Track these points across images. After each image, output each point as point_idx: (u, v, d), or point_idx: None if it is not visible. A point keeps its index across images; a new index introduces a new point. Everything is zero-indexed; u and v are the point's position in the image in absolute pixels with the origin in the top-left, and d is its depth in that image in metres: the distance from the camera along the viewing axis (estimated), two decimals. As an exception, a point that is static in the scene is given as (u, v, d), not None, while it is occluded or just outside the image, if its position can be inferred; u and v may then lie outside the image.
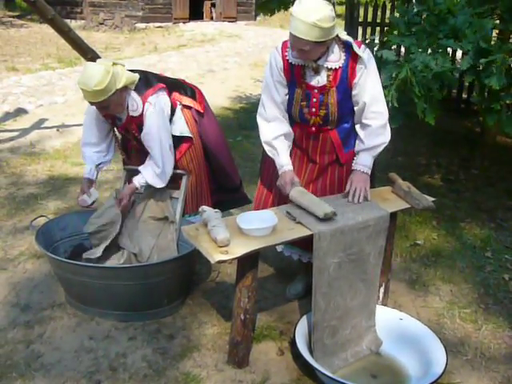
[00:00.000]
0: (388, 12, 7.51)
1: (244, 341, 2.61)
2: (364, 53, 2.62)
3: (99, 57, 6.11)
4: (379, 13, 7.77)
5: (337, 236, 2.50)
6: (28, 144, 5.92)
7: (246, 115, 7.35)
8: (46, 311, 3.06)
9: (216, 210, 2.60)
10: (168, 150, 3.05)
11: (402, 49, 6.33)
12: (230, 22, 19.93)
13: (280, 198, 2.95)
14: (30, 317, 3.01)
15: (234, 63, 11.49)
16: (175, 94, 3.15)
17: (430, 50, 3.78)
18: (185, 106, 3.20)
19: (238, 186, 3.60)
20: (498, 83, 3.59)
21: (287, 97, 2.79)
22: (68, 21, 12.37)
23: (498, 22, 4.64)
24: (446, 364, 2.47)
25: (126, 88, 2.91)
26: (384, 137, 2.76)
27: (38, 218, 3.31)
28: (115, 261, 3.19)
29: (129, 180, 3.25)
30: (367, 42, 5.35)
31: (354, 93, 2.69)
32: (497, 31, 5.22)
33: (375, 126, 2.72)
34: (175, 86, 3.20)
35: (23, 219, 4.08)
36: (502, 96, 3.87)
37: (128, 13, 17.49)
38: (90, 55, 5.88)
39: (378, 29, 7.72)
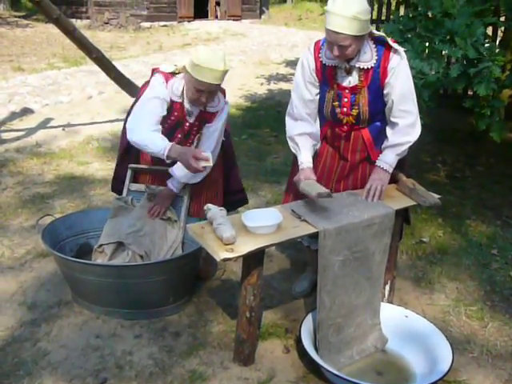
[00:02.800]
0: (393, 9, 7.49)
1: (250, 338, 2.62)
2: (398, 50, 2.61)
3: (104, 56, 6.14)
4: (384, 10, 7.75)
5: (342, 234, 2.50)
6: (34, 143, 5.95)
7: (251, 114, 7.36)
8: (52, 309, 3.08)
9: (221, 208, 2.60)
10: (216, 151, 3.07)
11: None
12: (234, 20, 19.93)
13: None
14: (37, 315, 3.02)
15: (238, 62, 11.49)
16: None
17: (424, 55, 3.79)
18: None
19: (242, 187, 3.59)
20: (486, 90, 3.60)
21: (318, 97, 2.80)
22: (73, 20, 12.40)
23: (502, 19, 4.64)
24: (452, 361, 2.47)
25: None
26: (410, 136, 2.74)
27: (44, 217, 3.33)
28: (120, 260, 3.19)
29: (146, 178, 3.26)
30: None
31: (385, 92, 2.68)
32: (502, 29, 5.21)
33: (402, 125, 2.71)
34: None
35: (29, 218, 4.10)
36: (491, 102, 3.88)
37: (133, 12, 17.52)
38: (95, 54, 5.91)
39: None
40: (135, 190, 3.29)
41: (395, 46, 2.60)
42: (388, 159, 2.77)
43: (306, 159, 2.81)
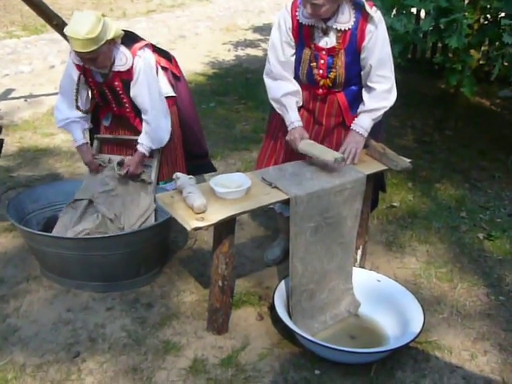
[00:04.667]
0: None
1: (223, 307, 2.61)
2: (375, 14, 2.57)
3: (65, 23, 5.92)
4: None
5: (313, 200, 2.48)
6: (-5, 115, 5.76)
7: (219, 81, 7.24)
8: (21, 285, 3.01)
9: (190, 176, 2.56)
10: (159, 102, 2.98)
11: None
12: (200, -15, 19.46)
13: (285, 156, 2.96)
14: (5, 291, 2.96)
15: (205, 28, 11.25)
16: (155, 54, 3.07)
17: (394, 11, 3.76)
18: (162, 68, 3.12)
19: (205, 153, 3.55)
20: (458, 43, 3.59)
21: (294, 57, 2.76)
22: (32, -14, 11.95)
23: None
24: (424, 323, 2.51)
25: (113, 40, 2.80)
26: (387, 101, 2.73)
27: (8, 191, 3.24)
28: (90, 223, 3.12)
29: (105, 148, 3.19)
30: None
31: (362, 56, 2.65)
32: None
33: (380, 90, 2.69)
34: (154, 47, 3.12)
35: (-7, 192, 3.99)
36: (462, 57, 3.89)
37: (94, -23, 16.94)
38: (55, 21, 5.69)
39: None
40: (102, 160, 3.22)
41: (372, 11, 2.55)
42: (363, 123, 2.75)
43: (295, 118, 2.78)
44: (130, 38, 2.92)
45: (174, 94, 3.16)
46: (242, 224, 3.65)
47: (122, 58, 2.88)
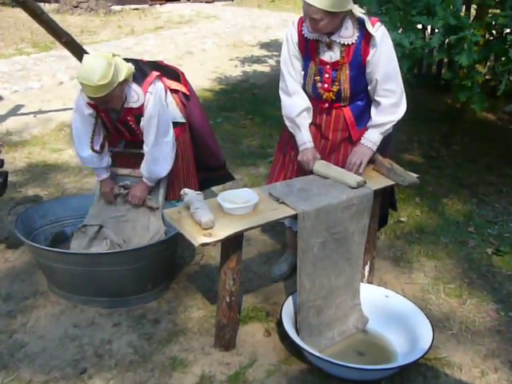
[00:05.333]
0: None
1: (230, 323, 2.60)
2: (377, 31, 2.59)
3: (75, 40, 5.99)
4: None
5: (321, 216, 2.48)
6: (5, 131, 5.80)
7: (226, 96, 7.28)
8: (28, 300, 3.02)
9: (198, 192, 2.57)
10: (164, 138, 2.99)
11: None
12: (207, 2, 19.66)
13: (294, 170, 3.00)
14: (12, 306, 2.96)
15: (212, 44, 11.34)
16: (164, 80, 3.09)
17: (401, 29, 3.78)
18: (172, 91, 3.14)
19: (222, 165, 3.58)
20: (468, 60, 3.60)
21: (303, 72, 2.81)
22: (41, 4, 12.07)
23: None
24: (433, 339, 2.49)
25: (125, 81, 2.81)
26: (394, 115, 2.75)
27: (17, 206, 3.25)
28: (99, 249, 3.13)
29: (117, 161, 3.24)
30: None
31: (367, 70, 2.68)
32: (474, 7, 5.22)
33: (386, 104, 2.71)
34: (162, 71, 3.13)
35: (2, 207, 4.00)
36: (471, 73, 3.89)
37: (103, -5, 17.14)
38: (64, 39, 5.76)
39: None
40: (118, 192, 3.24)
41: (374, 28, 2.57)
42: (372, 137, 2.77)
43: (307, 138, 2.84)
44: (140, 73, 2.92)
45: (183, 121, 3.17)
46: (250, 239, 3.64)
47: (134, 96, 2.89)
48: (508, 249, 3.60)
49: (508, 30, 4.12)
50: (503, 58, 4.13)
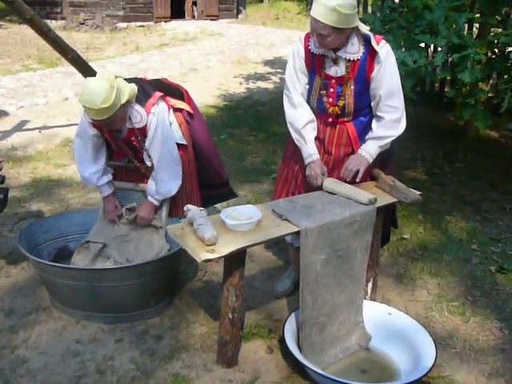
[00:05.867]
0: (369, 8, 7.53)
1: (233, 340, 2.59)
2: (382, 48, 2.64)
3: (80, 57, 6.06)
4: (361, 8, 7.77)
5: (324, 232, 2.49)
6: (10, 146, 5.84)
7: (230, 113, 7.32)
8: (30, 315, 3.01)
9: (201, 208, 2.57)
10: (169, 158, 3.01)
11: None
12: (211, 20, 19.86)
13: (295, 188, 3.01)
14: (15, 321, 2.96)
15: (216, 61, 11.44)
16: (168, 99, 3.11)
17: (404, 47, 3.82)
18: (176, 109, 3.16)
19: (225, 181, 3.60)
20: (471, 78, 3.63)
21: (308, 86, 2.84)
22: (48, 21, 12.22)
23: (478, 15, 4.69)
24: (436, 358, 2.47)
25: (128, 102, 2.83)
26: (395, 130, 2.78)
27: (21, 222, 3.26)
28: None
29: (119, 175, 3.24)
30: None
31: (371, 86, 2.72)
32: (477, 25, 5.26)
33: (388, 119, 2.74)
34: (166, 89, 3.16)
35: (6, 222, 4.01)
36: (475, 91, 3.92)
37: (109, 12, 17.34)
38: (70, 55, 5.82)
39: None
40: (115, 187, 3.25)
41: (379, 45, 2.62)
42: (369, 149, 2.80)
43: (313, 150, 2.85)
44: (143, 94, 2.94)
45: (184, 143, 3.17)
46: (253, 256, 3.64)
47: (137, 116, 2.92)
48: (512, 266, 3.59)
49: (510, 49, 4.16)
50: (506, 76, 4.17)
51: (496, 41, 4.30)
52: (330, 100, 2.78)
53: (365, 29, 2.64)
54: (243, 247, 2.37)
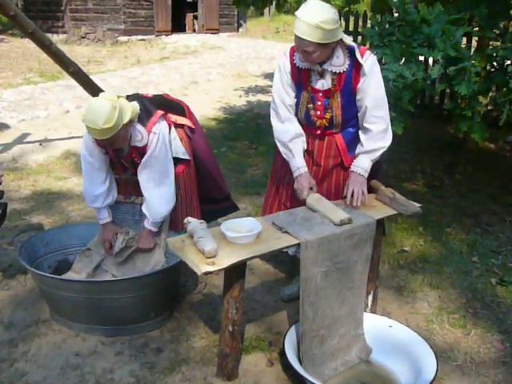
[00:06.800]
0: (369, 22, 7.58)
1: (233, 353, 2.58)
2: (367, 60, 2.67)
3: (81, 70, 6.09)
4: (360, 22, 7.83)
5: (324, 245, 2.49)
6: (10, 159, 5.86)
7: (230, 126, 7.35)
8: (30, 328, 3.01)
9: (201, 220, 2.58)
10: (165, 177, 3.01)
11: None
12: (212, 33, 20.01)
13: (287, 199, 3.06)
14: (14, 334, 2.95)
15: (217, 74, 11.50)
16: (169, 116, 3.13)
17: (403, 60, 3.85)
18: (178, 125, 3.19)
19: (227, 195, 3.60)
20: (467, 90, 3.66)
21: (296, 100, 2.87)
22: (50, 35, 12.31)
23: (476, 29, 4.72)
24: (437, 370, 2.46)
25: (130, 121, 2.85)
26: (384, 141, 2.80)
27: (21, 234, 3.26)
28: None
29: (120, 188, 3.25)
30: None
31: (357, 98, 2.75)
32: (476, 39, 5.30)
33: (376, 131, 2.76)
34: (168, 106, 3.17)
35: (6, 235, 4.01)
36: (472, 103, 3.94)
37: (110, 26, 17.49)
38: (71, 69, 5.85)
39: (359, 38, 7.77)
40: (116, 200, 3.25)
41: (363, 57, 2.65)
42: (363, 164, 2.81)
43: (301, 163, 2.87)
44: (144, 112, 2.96)
45: (187, 158, 3.19)
46: (253, 268, 3.64)
47: (138, 135, 2.93)
48: (512, 279, 3.58)
49: (509, 62, 4.18)
50: (504, 89, 4.18)
51: (494, 54, 4.33)
52: (318, 113, 2.81)
53: (349, 40, 2.67)
54: (243, 260, 2.37)
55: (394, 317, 3.06)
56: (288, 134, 2.88)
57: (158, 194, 3.02)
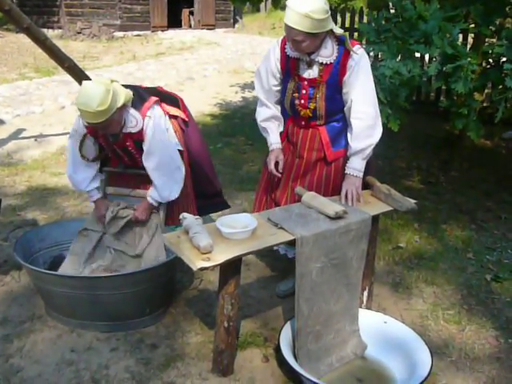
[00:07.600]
0: (365, 18, 7.57)
1: (228, 348, 2.59)
2: (357, 50, 2.67)
3: (77, 65, 6.07)
4: (356, 19, 7.83)
5: (319, 241, 2.49)
6: (5, 155, 5.84)
7: (226, 122, 7.34)
8: (25, 324, 3.00)
9: (197, 216, 2.58)
10: (169, 160, 3.00)
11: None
12: (208, 29, 19.97)
13: (275, 195, 3.09)
14: (9, 330, 2.94)
15: (213, 70, 11.48)
16: (163, 105, 3.11)
17: (399, 57, 3.85)
18: (171, 116, 3.17)
19: (218, 192, 3.59)
20: (464, 88, 3.66)
21: (277, 88, 2.92)
22: (45, 30, 12.26)
23: (472, 26, 4.72)
24: (431, 366, 2.47)
25: (123, 106, 2.83)
26: (371, 139, 2.76)
27: (16, 230, 3.26)
28: (105, 259, 3.17)
29: (112, 180, 3.24)
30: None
31: (344, 91, 2.74)
32: (472, 35, 5.30)
33: (361, 127, 2.72)
34: (162, 97, 3.16)
35: (1, 231, 4.00)
36: (468, 101, 3.94)
37: (106, 21, 17.42)
38: (67, 64, 5.83)
39: (355, 34, 7.76)
40: (110, 193, 3.26)
41: (354, 48, 2.66)
42: (356, 165, 2.79)
43: (274, 140, 2.98)
44: (138, 98, 2.94)
45: (181, 149, 3.17)
46: (248, 264, 3.64)
47: (133, 121, 2.91)
48: (507, 275, 3.59)
49: (504, 59, 4.19)
50: (500, 86, 4.19)
51: (490, 51, 4.33)
52: (302, 102, 2.82)
53: (339, 30, 2.67)
54: (239, 255, 2.36)
55: (389, 313, 3.07)
56: (263, 115, 2.98)
57: (166, 178, 3.01)
